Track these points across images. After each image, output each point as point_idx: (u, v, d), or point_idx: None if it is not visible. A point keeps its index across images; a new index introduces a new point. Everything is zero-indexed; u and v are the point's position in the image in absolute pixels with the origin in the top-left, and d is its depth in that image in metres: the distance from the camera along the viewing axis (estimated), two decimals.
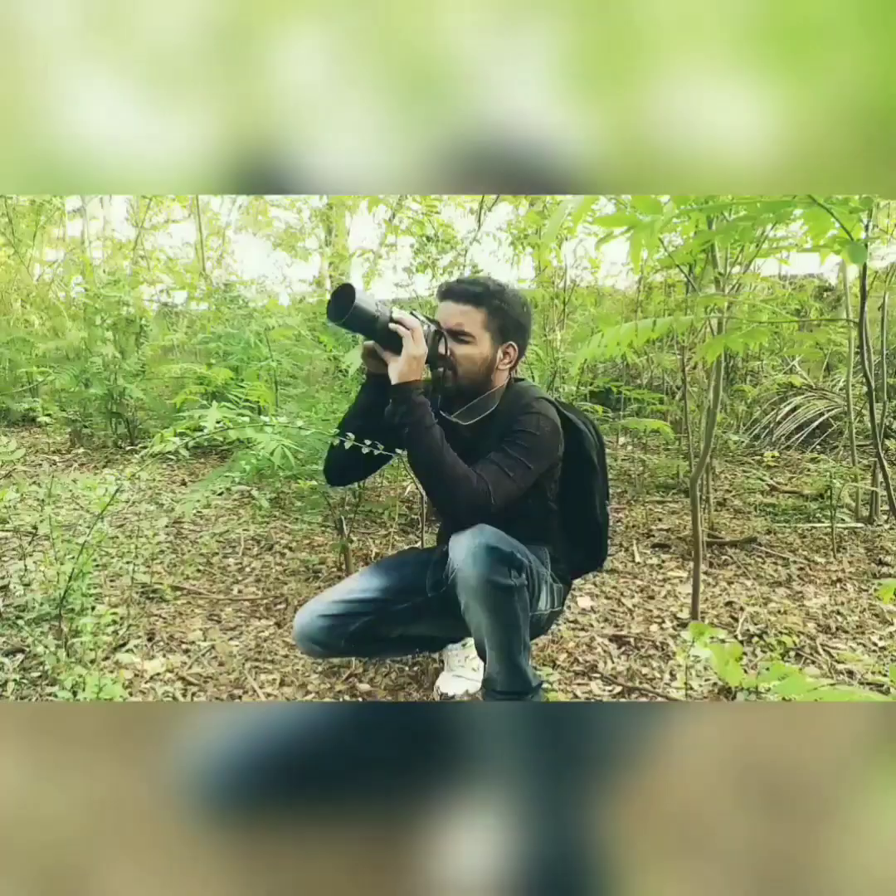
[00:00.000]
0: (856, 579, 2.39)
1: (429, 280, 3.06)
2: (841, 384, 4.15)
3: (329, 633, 1.51)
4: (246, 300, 4.00)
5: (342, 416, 1.61)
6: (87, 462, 3.89)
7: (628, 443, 3.95)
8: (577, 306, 3.57)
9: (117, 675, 1.67)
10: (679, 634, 1.98)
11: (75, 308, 4.54)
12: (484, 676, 1.47)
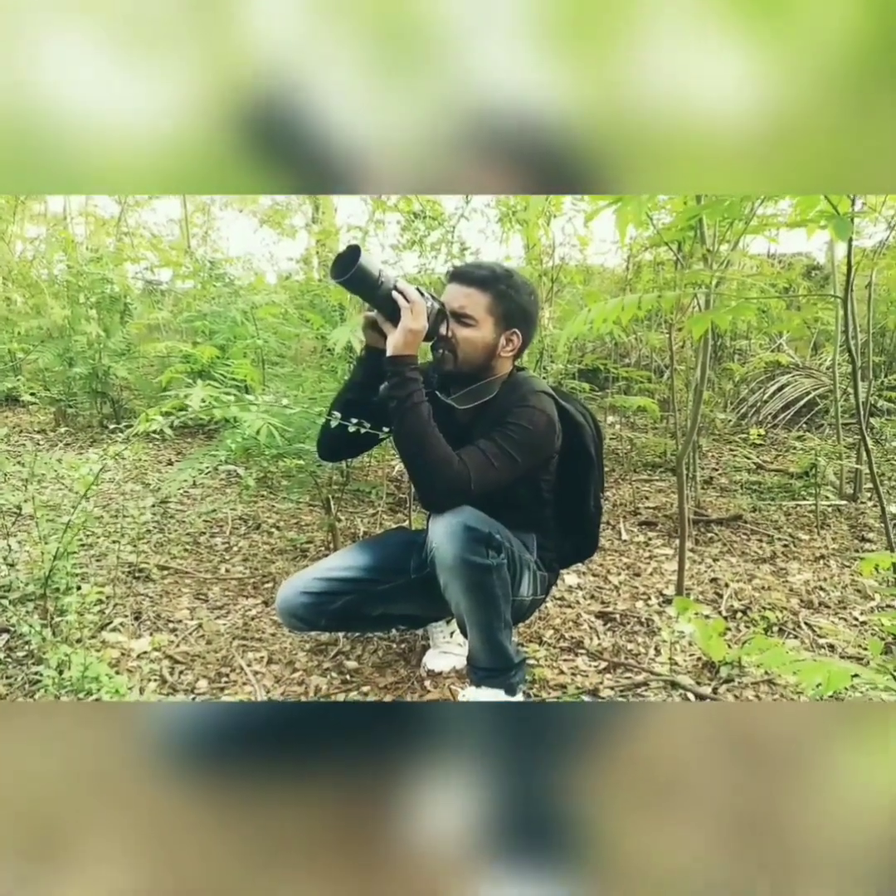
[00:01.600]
0: (839, 556, 2.42)
1: (416, 257, 3.03)
2: (828, 363, 4.17)
3: (310, 611, 1.51)
4: (232, 278, 3.96)
5: (329, 394, 1.60)
6: (71, 442, 3.86)
7: (616, 422, 3.96)
8: (565, 284, 3.55)
9: (103, 654, 1.67)
10: (664, 610, 2.00)
11: (58, 286, 4.47)
12: (467, 654, 1.48)
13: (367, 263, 1.32)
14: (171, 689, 1.60)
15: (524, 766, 0.82)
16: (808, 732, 0.83)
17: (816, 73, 0.82)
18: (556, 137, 0.86)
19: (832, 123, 0.83)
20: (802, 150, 0.85)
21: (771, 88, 0.83)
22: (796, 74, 0.82)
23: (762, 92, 0.83)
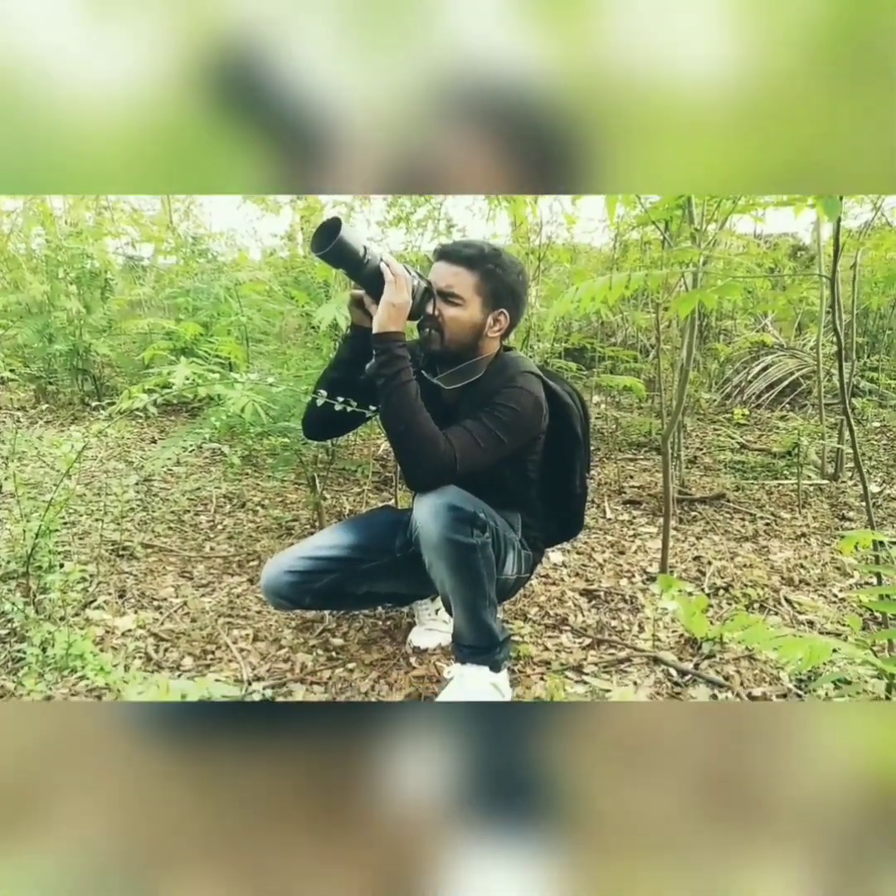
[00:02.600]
0: (819, 534, 2.45)
1: (403, 234, 3.00)
2: (812, 343, 4.19)
3: (295, 589, 1.51)
4: (215, 254, 3.90)
5: (314, 372, 1.58)
6: (52, 419, 3.81)
7: (602, 401, 3.97)
8: (552, 262, 3.53)
9: (87, 632, 1.66)
10: (648, 588, 2.02)
11: (36, 260, 4.37)
12: (452, 631, 1.49)
13: (349, 236, 1.29)
14: (156, 667, 1.59)
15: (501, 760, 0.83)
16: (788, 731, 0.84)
17: (803, 44, 0.81)
18: (537, 100, 0.85)
19: (817, 98, 0.82)
20: (788, 126, 0.84)
21: (756, 58, 0.83)
22: (782, 44, 0.82)
23: (748, 61, 0.83)
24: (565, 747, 0.82)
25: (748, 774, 0.80)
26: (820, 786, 0.78)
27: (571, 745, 0.82)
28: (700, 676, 1.58)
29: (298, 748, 0.82)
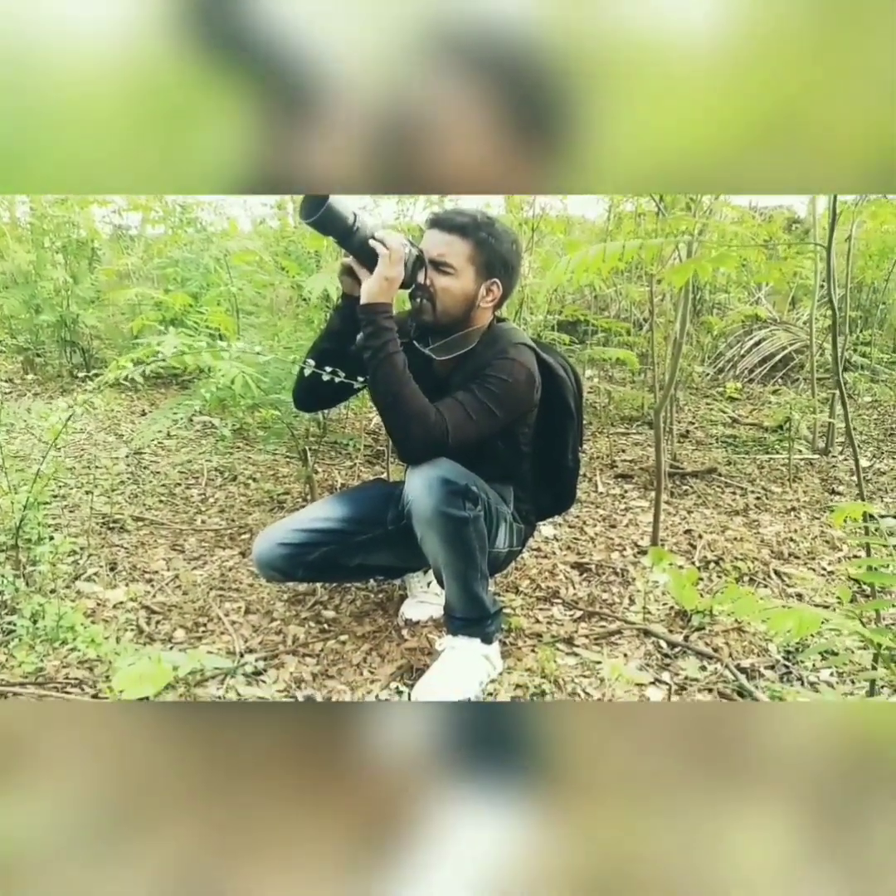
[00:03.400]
0: (809, 508, 2.46)
1: (395, 203, 2.95)
2: (805, 318, 4.18)
3: (288, 562, 1.51)
4: (204, 224, 3.83)
5: (305, 343, 1.56)
6: (41, 392, 3.77)
7: (594, 375, 3.95)
8: (545, 233, 3.49)
9: (78, 604, 1.66)
10: (639, 561, 2.03)
11: (21, 229, 4.30)
12: (444, 603, 1.49)
13: (337, 203, 1.27)
14: (148, 639, 1.59)
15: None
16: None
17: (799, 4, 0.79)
18: (528, 61, 0.83)
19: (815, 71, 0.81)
20: (784, 88, 0.83)
21: (749, 22, 0.81)
22: (775, 5, 0.80)
23: (741, 24, 0.81)
24: (557, 746, 0.82)
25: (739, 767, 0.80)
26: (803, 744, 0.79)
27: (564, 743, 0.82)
28: (689, 648, 1.59)
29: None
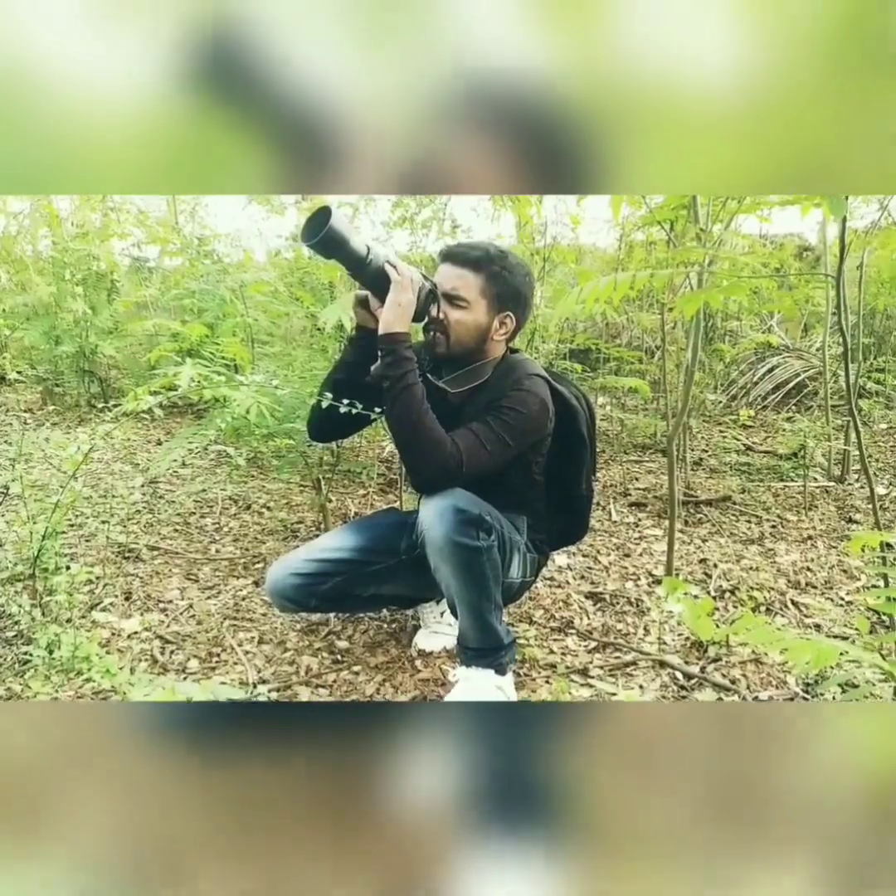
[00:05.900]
0: (826, 536, 2.44)
1: (408, 235, 3.00)
2: (818, 344, 4.18)
3: (300, 592, 1.51)
4: (220, 255, 3.90)
5: (319, 373, 1.58)
6: (59, 421, 3.82)
7: (607, 403, 3.96)
8: (557, 263, 3.52)
9: (93, 634, 1.67)
10: (653, 591, 2.01)
11: (43, 262, 4.39)
12: (457, 634, 1.48)
13: (339, 224, 1.26)
14: (162, 669, 1.60)
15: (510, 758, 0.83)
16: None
17: (810, 42, 0.81)
18: (543, 100, 0.85)
19: (823, 98, 0.82)
20: (794, 125, 0.84)
21: (762, 57, 0.82)
22: (788, 43, 0.82)
23: (753, 60, 0.83)
24: (571, 747, 0.82)
25: (755, 775, 0.79)
26: (825, 785, 0.77)
27: (577, 745, 0.82)
28: (706, 680, 1.57)
29: (305, 749, 0.82)
